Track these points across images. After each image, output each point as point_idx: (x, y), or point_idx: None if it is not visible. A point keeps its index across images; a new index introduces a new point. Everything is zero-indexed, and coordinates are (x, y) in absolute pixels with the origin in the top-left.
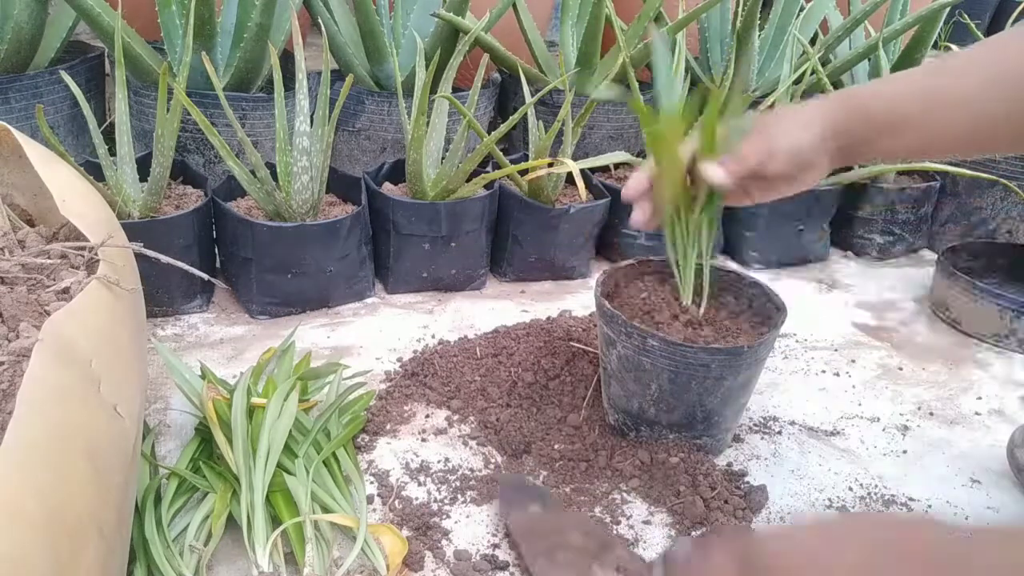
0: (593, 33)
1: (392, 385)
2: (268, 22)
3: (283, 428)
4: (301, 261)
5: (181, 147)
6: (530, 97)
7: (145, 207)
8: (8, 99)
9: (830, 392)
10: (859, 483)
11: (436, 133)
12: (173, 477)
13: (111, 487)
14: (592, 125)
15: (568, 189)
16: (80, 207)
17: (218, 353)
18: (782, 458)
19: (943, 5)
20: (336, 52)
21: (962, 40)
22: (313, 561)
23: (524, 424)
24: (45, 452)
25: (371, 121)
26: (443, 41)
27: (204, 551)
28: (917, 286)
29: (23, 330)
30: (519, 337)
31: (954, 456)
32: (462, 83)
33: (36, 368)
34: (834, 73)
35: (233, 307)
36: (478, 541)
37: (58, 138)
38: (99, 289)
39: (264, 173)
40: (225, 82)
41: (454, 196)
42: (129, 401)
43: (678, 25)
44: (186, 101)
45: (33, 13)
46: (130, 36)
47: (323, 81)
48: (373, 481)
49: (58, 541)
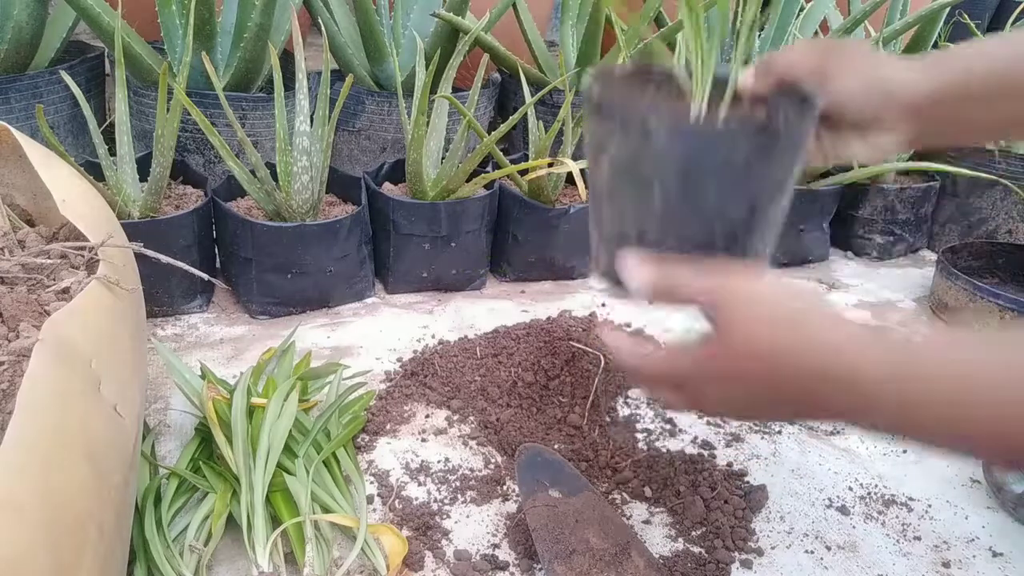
0: (593, 33)
1: (392, 385)
2: (268, 22)
3: (283, 428)
4: (301, 261)
5: (181, 147)
6: (530, 97)
7: (145, 207)
8: (8, 99)
9: None
10: (859, 483)
11: (436, 133)
12: (173, 477)
13: (111, 487)
14: None
15: (568, 189)
16: (80, 207)
17: (218, 353)
18: (782, 458)
19: (943, 5)
20: (336, 52)
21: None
22: (313, 561)
23: (524, 424)
24: (45, 452)
25: (371, 121)
26: (443, 41)
27: (204, 551)
28: (917, 286)
29: (23, 330)
30: (519, 337)
31: None
32: (462, 83)
33: (36, 368)
34: None
35: (233, 307)
36: (478, 541)
37: (58, 138)
38: (99, 289)
39: (264, 173)
40: (225, 82)
41: (454, 196)
42: (129, 401)
43: (678, 25)
44: (186, 101)
45: (33, 13)
46: (130, 36)
47: (323, 81)
48: (373, 481)
49: (58, 541)
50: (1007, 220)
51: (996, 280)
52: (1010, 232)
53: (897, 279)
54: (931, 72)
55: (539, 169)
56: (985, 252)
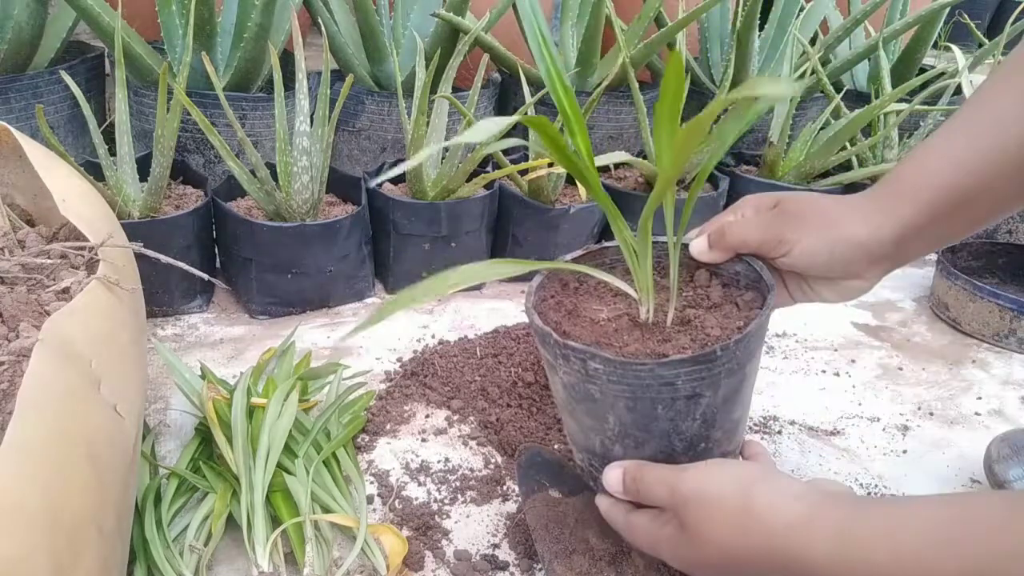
0: (593, 33)
1: (392, 385)
2: (268, 22)
3: (283, 428)
4: (301, 261)
5: (181, 147)
6: (530, 97)
7: (145, 207)
8: (8, 99)
9: (830, 392)
10: (859, 483)
11: (436, 133)
12: (173, 477)
13: (111, 487)
14: (592, 125)
15: (568, 189)
16: (80, 207)
17: (218, 353)
18: (782, 458)
19: (943, 5)
20: (336, 52)
21: (962, 40)
22: (313, 561)
23: (524, 424)
24: (45, 452)
25: (371, 121)
26: (443, 41)
27: (204, 551)
28: (917, 286)
29: (23, 330)
30: (519, 337)
31: (954, 456)
32: (462, 83)
33: (36, 368)
34: (834, 73)
35: (233, 307)
36: (478, 541)
37: (58, 138)
38: (99, 289)
39: (264, 173)
40: (225, 82)
41: (454, 196)
42: (129, 401)
43: (678, 25)
44: (186, 101)
45: (33, 13)
46: (130, 36)
47: (323, 81)
48: (373, 481)
49: (58, 541)
50: (1007, 220)
51: (996, 280)
52: (1010, 232)
53: (897, 279)
54: (891, 215)
55: (539, 169)
56: (985, 252)
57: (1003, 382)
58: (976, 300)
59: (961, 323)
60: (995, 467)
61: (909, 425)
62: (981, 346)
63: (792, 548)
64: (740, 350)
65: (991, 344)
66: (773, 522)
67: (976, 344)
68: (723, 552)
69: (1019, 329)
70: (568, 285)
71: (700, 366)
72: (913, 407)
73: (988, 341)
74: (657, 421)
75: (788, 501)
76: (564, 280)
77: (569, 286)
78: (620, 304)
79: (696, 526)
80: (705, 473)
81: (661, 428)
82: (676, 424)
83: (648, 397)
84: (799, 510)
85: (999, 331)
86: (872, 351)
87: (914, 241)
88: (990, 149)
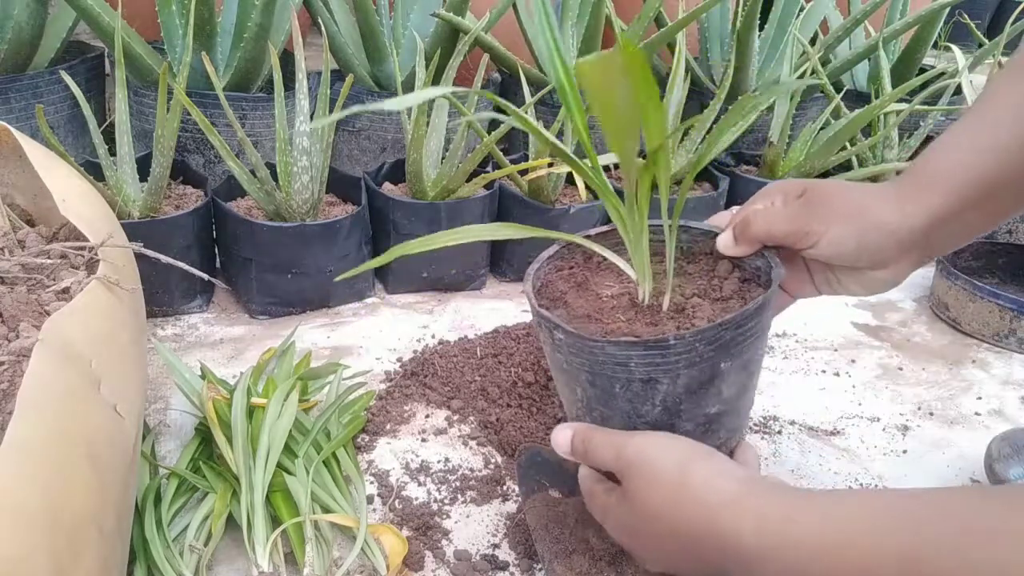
0: (593, 33)
1: (392, 385)
2: (268, 22)
3: (283, 428)
4: (301, 261)
5: (181, 147)
6: (530, 97)
7: (145, 207)
8: (8, 99)
9: (830, 392)
10: (859, 483)
11: (436, 133)
12: (173, 477)
13: (111, 487)
14: (592, 125)
15: (568, 189)
16: (80, 207)
17: (218, 353)
18: (782, 458)
19: (943, 5)
20: (336, 52)
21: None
22: (313, 561)
23: (524, 424)
24: (45, 452)
25: (371, 121)
26: (443, 41)
27: (204, 551)
28: (917, 286)
29: (23, 330)
30: (519, 337)
31: (954, 456)
32: (462, 83)
33: (36, 368)
34: (834, 73)
35: (233, 307)
36: (478, 541)
37: (58, 138)
38: (99, 289)
39: (264, 173)
40: (225, 82)
41: (454, 196)
42: (129, 401)
43: (678, 25)
44: (186, 101)
45: (33, 13)
46: (130, 36)
47: (323, 81)
48: (373, 481)
49: (58, 541)
50: (1007, 220)
51: (996, 280)
52: (1010, 232)
53: None
54: (920, 203)
55: (539, 169)
56: (985, 252)
57: (1003, 382)
58: (976, 300)
59: (961, 323)
60: (995, 466)
61: (909, 425)
62: (981, 346)
63: (722, 525)
64: (701, 343)
65: (991, 344)
66: (706, 498)
67: (976, 344)
68: (658, 522)
69: (1019, 329)
70: (592, 259)
71: (653, 352)
72: (913, 407)
73: (988, 341)
74: (616, 399)
75: (725, 480)
76: (588, 254)
77: (592, 259)
78: (630, 285)
79: (635, 492)
80: (652, 441)
81: (621, 408)
82: (635, 407)
83: (605, 374)
84: (733, 488)
85: (999, 331)
86: (872, 351)
87: (941, 231)
88: (1013, 137)
